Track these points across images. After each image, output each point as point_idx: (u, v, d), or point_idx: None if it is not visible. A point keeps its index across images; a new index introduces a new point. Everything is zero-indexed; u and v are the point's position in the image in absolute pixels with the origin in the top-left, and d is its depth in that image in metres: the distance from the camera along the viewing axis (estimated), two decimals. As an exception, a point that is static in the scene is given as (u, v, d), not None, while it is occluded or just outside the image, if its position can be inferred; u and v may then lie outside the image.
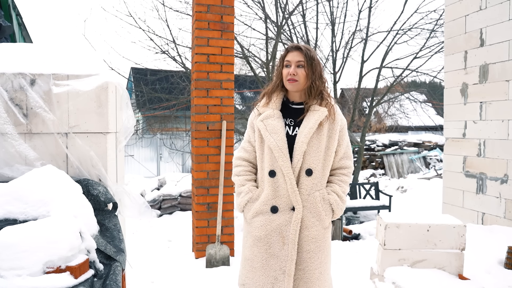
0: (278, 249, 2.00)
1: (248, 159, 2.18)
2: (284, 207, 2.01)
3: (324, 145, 2.03)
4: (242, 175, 2.14)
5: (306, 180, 2.00)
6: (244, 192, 2.10)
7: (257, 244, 2.03)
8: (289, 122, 2.08)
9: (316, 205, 2.01)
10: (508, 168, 4.64)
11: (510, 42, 4.63)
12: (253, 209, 2.05)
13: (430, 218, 3.15)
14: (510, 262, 3.43)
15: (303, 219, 2.00)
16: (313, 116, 2.02)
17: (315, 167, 2.01)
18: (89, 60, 2.31)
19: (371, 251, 4.18)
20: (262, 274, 2.01)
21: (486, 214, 4.93)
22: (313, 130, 1.99)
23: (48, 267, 1.60)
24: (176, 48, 9.26)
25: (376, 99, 11.49)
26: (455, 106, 5.45)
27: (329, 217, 2.04)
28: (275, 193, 2.01)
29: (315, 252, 2.01)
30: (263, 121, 2.06)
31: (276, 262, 2.00)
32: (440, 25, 9.92)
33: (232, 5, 4.57)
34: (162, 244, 5.44)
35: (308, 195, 2.01)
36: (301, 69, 2.03)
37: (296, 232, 1.97)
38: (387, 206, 8.51)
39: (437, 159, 15.36)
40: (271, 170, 2.01)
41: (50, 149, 2.14)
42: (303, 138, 1.98)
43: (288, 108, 2.12)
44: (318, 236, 2.02)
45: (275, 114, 2.07)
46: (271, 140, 2.00)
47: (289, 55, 2.06)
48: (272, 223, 2.01)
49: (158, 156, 15.45)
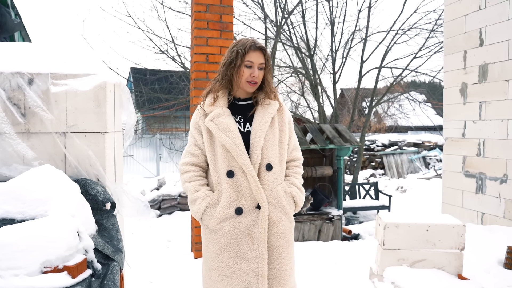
0: (248, 251, 1.92)
1: (197, 164, 2.03)
2: (249, 207, 1.93)
3: (277, 138, 1.99)
4: (194, 181, 1.99)
5: (267, 175, 1.94)
6: (200, 198, 1.95)
7: (226, 249, 1.93)
8: (238, 119, 2.01)
9: (280, 199, 1.95)
10: (508, 168, 4.64)
11: (509, 42, 4.62)
12: (215, 215, 1.93)
13: (430, 218, 3.15)
14: (510, 262, 3.42)
15: (270, 215, 1.94)
16: (265, 109, 1.97)
17: (273, 161, 1.95)
18: (88, 60, 2.31)
19: (371, 251, 4.18)
20: (235, 280, 1.92)
21: (486, 214, 4.93)
22: (268, 124, 1.95)
23: (46, 267, 1.59)
24: (175, 48, 9.26)
25: (375, 99, 11.49)
26: (454, 106, 5.45)
27: (292, 210, 2.01)
28: (237, 193, 1.92)
29: (285, 248, 1.96)
30: (213, 121, 1.94)
31: (248, 265, 1.91)
32: (439, 25, 9.92)
33: (231, 4, 4.56)
34: (161, 244, 5.43)
35: (271, 190, 1.95)
36: (261, 72, 1.98)
37: (264, 230, 1.90)
38: (386, 206, 8.52)
39: (436, 159, 15.36)
40: (229, 170, 1.91)
41: (48, 148, 2.13)
42: (260, 133, 1.92)
43: (234, 105, 2.04)
44: (285, 230, 1.97)
45: (225, 112, 1.97)
46: (226, 139, 1.90)
47: (251, 54, 1.95)
48: (239, 226, 1.92)
49: (158, 156, 15.43)
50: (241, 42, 1.98)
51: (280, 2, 9.60)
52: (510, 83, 4.61)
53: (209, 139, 1.98)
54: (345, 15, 10.59)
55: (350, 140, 6.49)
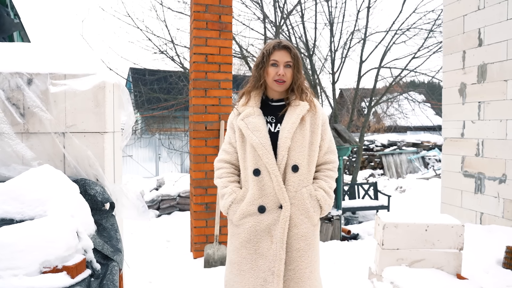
0: (266, 249, 1.95)
1: (229, 161, 2.11)
2: (272, 206, 1.95)
3: (308, 140, 1.99)
4: (224, 177, 2.08)
5: (293, 176, 1.95)
6: (227, 193, 2.03)
7: (246, 245, 1.98)
8: (270, 119, 2.03)
9: (304, 202, 1.96)
10: (507, 168, 4.64)
11: (508, 42, 4.63)
12: (239, 211, 1.99)
13: (429, 217, 3.15)
14: (509, 261, 3.42)
15: (292, 216, 1.95)
16: (294, 110, 1.97)
17: (300, 163, 1.96)
18: (87, 60, 2.31)
19: (370, 251, 4.18)
20: (251, 276, 1.95)
21: (485, 214, 4.93)
22: (296, 125, 1.95)
23: (45, 267, 1.59)
24: (175, 48, 9.26)
25: (374, 99, 11.50)
26: (453, 106, 5.45)
27: (317, 213, 2.00)
28: (261, 192, 1.96)
29: (305, 250, 1.96)
30: (243, 120, 2.00)
31: (265, 263, 1.94)
32: (438, 25, 9.93)
33: (230, 4, 4.57)
34: (160, 244, 5.43)
35: (295, 192, 1.96)
36: (288, 69, 1.99)
37: (284, 230, 1.92)
38: (385, 206, 8.52)
39: (435, 159, 15.38)
40: (255, 169, 1.95)
41: (47, 148, 2.13)
42: (286, 134, 1.93)
43: (267, 105, 2.07)
44: (307, 233, 1.97)
45: (256, 111, 2.02)
46: (254, 138, 1.94)
47: (276, 54, 1.99)
48: (261, 224, 1.96)
49: (157, 156, 15.42)
50: (268, 44, 2.05)
51: (279, 2, 9.61)
52: (509, 83, 4.62)
53: (241, 137, 2.03)
54: (344, 15, 10.60)
55: (349, 140, 6.50)
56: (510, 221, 4.56)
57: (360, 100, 16.29)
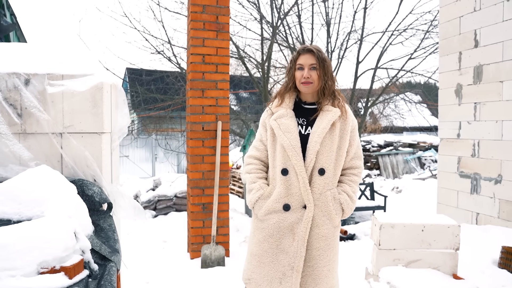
0: (287, 245, 2.04)
1: (259, 158, 2.21)
2: (296, 205, 2.04)
3: (336, 145, 2.06)
4: (254, 173, 2.17)
5: (319, 179, 2.03)
6: (255, 189, 2.12)
7: (268, 240, 2.07)
8: (301, 121, 2.12)
9: (327, 204, 2.04)
10: (502, 168, 4.67)
11: (504, 43, 4.66)
12: (265, 207, 2.08)
13: (425, 218, 3.17)
14: (504, 261, 3.45)
15: (314, 217, 2.03)
16: (326, 116, 2.05)
17: (327, 167, 2.04)
18: (84, 60, 2.30)
19: (366, 251, 4.20)
20: (271, 269, 2.05)
21: (480, 214, 4.96)
22: (326, 130, 2.03)
23: (43, 268, 1.59)
24: (172, 48, 9.26)
25: (371, 99, 11.54)
26: (449, 107, 5.48)
27: (339, 216, 2.08)
28: (288, 191, 2.04)
29: (325, 250, 2.05)
30: (276, 120, 2.10)
31: (285, 258, 2.03)
32: (434, 26, 9.97)
33: (228, 5, 4.57)
34: (157, 244, 5.43)
35: (320, 194, 2.04)
36: (314, 71, 2.07)
37: (306, 229, 2.01)
38: (382, 207, 8.54)
39: (432, 160, 15.42)
40: (283, 168, 2.05)
41: (44, 149, 2.13)
42: (316, 138, 2.02)
43: (300, 108, 2.16)
44: (328, 234, 2.06)
45: (288, 113, 2.11)
46: (285, 139, 2.04)
47: (301, 58, 2.10)
48: (284, 221, 2.05)
49: (153, 156, 15.41)
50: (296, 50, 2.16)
51: (276, 3, 9.62)
52: (505, 84, 4.65)
53: (272, 137, 2.13)
54: (340, 16, 10.63)
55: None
56: (505, 221, 4.59)
57: (356, 101, 16.31)
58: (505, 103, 4.64)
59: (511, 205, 4.55)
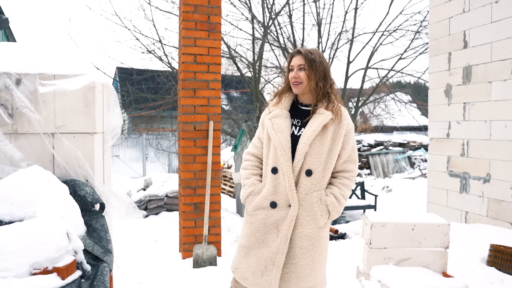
0: (271, 241, 2.10)
1: (256, 155, 2.29)
2: (282, 204, 2.09)
3: (327, 147, 2.09)
4: (249, 169, 2.26)
5: (305, 180, 2.07)
6: (247, 184, 2.21)
7: (255, 234, 2.14)
8: (296, 122, 2.17)
9: (312, 205, 2.08)
10: (491, 167, 4.73)
11: (492, 45, 4.72)
12: (254, 203, 2.16)
13: (415, 217, 3.20)
14: (493, 259, 3.50)
15: (299, 217, 2.08)
16: (317, 119, 2.09)
17: (315, 168, 2.07)
18: (76, 60, 2.30)
19: (357, 250, 4.22)
20: (255, 261, 2.13)
21: (470, 213, 5.02)
22: (316, 133, 2.06)
23: (35, 268, 1.59)
24: (163, 48, 9.22)
25: (362, 99, 11.59)
26: (439, 107, 5.54)
27: (324, 217, 2.10)
28: (275, 189, 2.11)
29: (308, 249, 2.08)
30: (271, 120, 2.17)
31: (268, 252, 2.10)
32: (424, 26, 10.04)
33: (219, 5, 4.57)
34: (148, 245, 5.41)
35: (306, 194, 2.08)
36: (302, 72, 2.12)
37: (289, 228, 2.06)
38: (372, 206, 8.60)
39: (421, 159, 15.55)
40: (273, 167, 2.11)
41: (36, 149, 2.12)
42: (305, 140, 2.06)
43: (297, 109, 2.22)
44: (311, 234, 2.09)
45: (283, 113, 2.17)
46: (276, 139, 2.10)
47: (292, 60, 2.17)
48: (270, 218, 2.11)
49: (144, 156, 15.35)
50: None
51: (267, 3, 9.63)
52: (493, 84, 4.71)
53: (267, 135, 2.19)
54: (331, 16, 10.65)
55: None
56: (494, 219, 4.65)
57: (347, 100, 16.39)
58: (493, 103, 4.70)
59: (499, 204, 4.62)
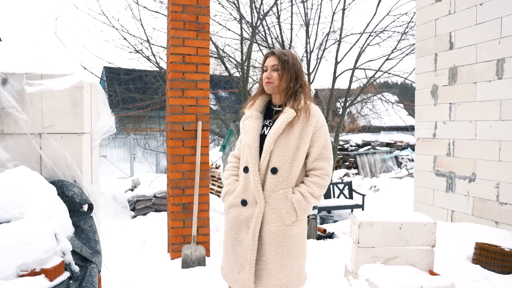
0: (243, 238, 2.17)
1: (238, 156, 2.37)
2: (252, 201, 2.15)
3: (293, 145, 2.11)
4: (230, 170, 2.35)
5: (271, 178, 2.11)
6: (225, 184, 2.30)
7: (230, 232, 2.22)
8: (268, 123, 2.21)
9: (278, 202, 2.10)
10: (476, 167, 4.80)
11: (477, 46, 4.79)
12: (228, 201, 2.24)
13: (402, 216, 3.24)
14: (478, 257, 3.55)
15: (265, 214, 2.12)
16: (281, 117, 2.12)
17: (281, 166, 2.10)
18: (64, 60, 2.28)
19: (345, 250, 4.25)
20: (232, 259, 2.20)
21: (455, 212, 5.09)
22: (280, 131, 2.09)
23: (22, 270, 1.57)
24: (150, 47, 9.18)
25: (349, 99, 11.66)
26: (425, 107, 5.60)
27: (291, 215, 2.10)
28: (245, 187, 2.17)
29: (275, 247, 2.11)
30: (243, 122, 2.26)
31: (242, 250, 2.17)
32: (411, 28, 10.15)
33: (208, 5, 4.57)
34: (136, 245, 5.38)
35: (272, 192, 2.11)
36: (275, 72, 2.16)
37: (256, 224, 2.10)
38: (360, 205, 8.67)
39: (408, 159, 15.70)
40: (245, 167, 2.18)
41: (23, 150, 2.10)
42: (269, 138, 2.11)
43: (270, 110, 2.26)
44: (278, 231, 2.11)
45: (254, 115, 2.24)
46: (245, 139, 2.18)
47: (266, 60, 2.21)
48: (241, 215, 2.17)
49: (132, 156, 15.24)
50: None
51: (255, 3, 9.64)
52: (478, 85, 4.78)
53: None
54: (319, 17, 10.72)
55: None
56: (479, 218, 4.72)
57: (335, 101, 16.50)
58: (478, 104, 4.77)
59: (484, 202, 4.69)
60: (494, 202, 4.56)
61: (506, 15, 4.44)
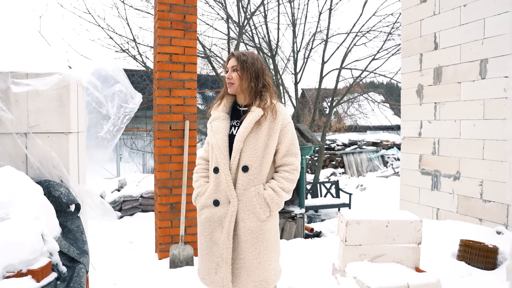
0: (218, 238, 2.18)
1: (205, 158, 2.37)
2: (224, 201, 2.17)
3: (262, 143, 2.15)
4: (199, 173, 2.36)
5: (243, 176, 2.14)
6: (196, 187, 2.31)
7: (203, 233, 2.23)
8: (235, 123, 2.25)
9: (251, 199, 2.14)
10: (460, 165, 4.88)
11: (461, 46, 4.86)
12: (200, 202, 2.26)
13: (389, 214, 3.27)
14: (462, 254, 3.61)
15: (239, 212, 2.15)
16: (249, 116, 2.16)
17: (251, 164, 2.14)
18: (49, 58, 2.25)
19: (333, 248, 4.29)
20: (208, 260, 2.21)
21: (441, 210, 5.16)
22: (248, 130, 2.13)
23: (8, 271, 1.55)
24: (137, 47, 9.13)
25: (336, 99, 11.74)
26: (411, 107, 5.67)
27: (265, 210, 2.15)
28: (217, 187, 2.19)
29: (253, 243, 2.14)
30: (211, 123, 2.28)
31: (217, 250, 2.17)
32: (396, 28, 10.26)
33: (195, 4, 4.55)
34: (124, 246, 5.35)
35: (244, 190, 2.14)
36: (235, 73, 2.20)
37: (230, 223, 2.12)
38: (347, 204, 8.74)
39: (394, 158, 15.87)
40: (215, 167, 2.20)
41: (8, 149, 2.07)
42: (239, 137, 2.14)
43: (236, 111, 2.30)
44: (254, 228, 2.14)
45: (221, 116, 2.26)
46: (214, 140, 2.19)
47: (228, 62, 2.26)
48: (214, 215, 2.19)
49: (118, 156, 15.12)
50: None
51: (242, 3, 9.64)
52: (462, 85, 4.85)
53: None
54: (306, 17, 10.77)
55: (311, 140, 6.62)
56: (463, 216, 4.80)
57: (321, 100, 16.57)
58: (462, 103, 4.85)
59: (468, 200, 4.77)
60: (478, 199, 4.64)
61: (488, 16, 4.52)
